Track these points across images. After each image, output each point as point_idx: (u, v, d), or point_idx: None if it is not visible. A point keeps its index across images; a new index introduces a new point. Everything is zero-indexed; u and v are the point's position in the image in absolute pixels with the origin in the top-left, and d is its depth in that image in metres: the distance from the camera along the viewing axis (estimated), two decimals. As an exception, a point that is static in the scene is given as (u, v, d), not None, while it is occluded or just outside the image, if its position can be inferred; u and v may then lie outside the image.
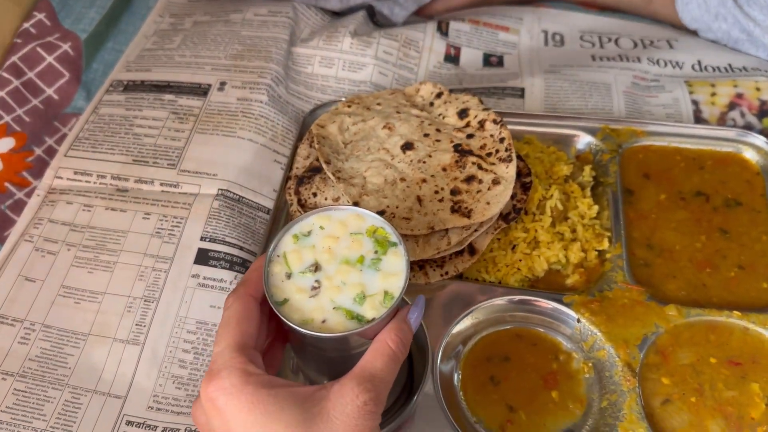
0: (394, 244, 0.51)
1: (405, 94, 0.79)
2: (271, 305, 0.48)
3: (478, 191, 0.68)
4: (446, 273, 0.68)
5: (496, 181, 0.68)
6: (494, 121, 0.73)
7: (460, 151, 0.71)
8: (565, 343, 0.65)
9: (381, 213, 0.66)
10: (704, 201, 0.74)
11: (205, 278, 0.67)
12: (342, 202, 0.69)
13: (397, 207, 0.67)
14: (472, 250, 0.69)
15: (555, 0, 1.02)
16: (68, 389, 0.61)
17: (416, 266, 0.69)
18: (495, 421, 0.61)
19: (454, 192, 0.68)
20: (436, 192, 0.68)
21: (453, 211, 0.67)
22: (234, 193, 0.73)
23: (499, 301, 0.66)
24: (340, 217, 0.53)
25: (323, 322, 0.48)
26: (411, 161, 0.71)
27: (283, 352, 0.56)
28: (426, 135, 0.73)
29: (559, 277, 0.70)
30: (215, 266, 0.68)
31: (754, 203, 0.74)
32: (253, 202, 0.73)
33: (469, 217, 0.66)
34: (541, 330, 0.66)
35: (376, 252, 0.51)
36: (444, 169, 0.70)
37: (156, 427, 0.60)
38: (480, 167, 0.69)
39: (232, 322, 0.48)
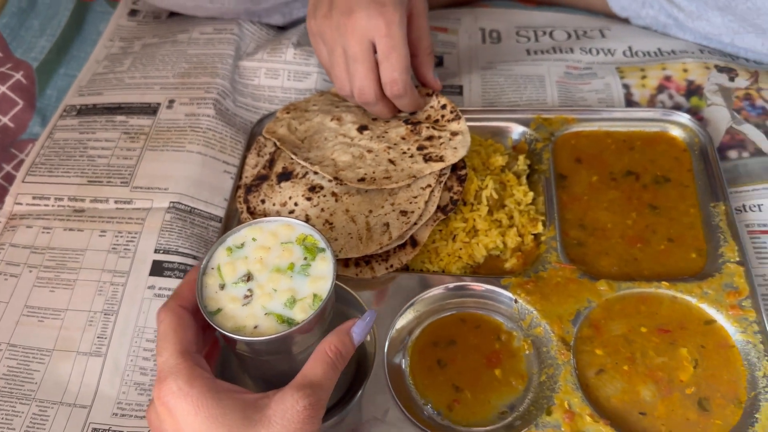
0: (323, 250, 0.55)
1: (331, 93, 0.84)
2: (204, 315, 0.51)
3: (441, 143, 0.75)
4: (391, 266, 0.72)
5: (454, 133, 0.76)
6: (428, 94, 0.80)
7: (412, 123, 0.78)
8: (506, 324, 0.69)
9: (361, 180, 0.72)
10: (634, 180, 0.78)
11: (160, 288, 0.70)
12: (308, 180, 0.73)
13: (374, 172, 0.73)
14: (414, 242, 0.72)
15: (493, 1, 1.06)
16: (35, 403, 0.64)
17: (363, 262, 0.72)
18: (443, 401, 0.64)
19: (421, 148, 0.75)
20: (404, 152, 0.75)
21: (426, 160, 0.73)
22: (185, 205, 0.76)
23: (438, 290, 0.70)
24: (271, 228, 0.57)
25: (255, 327, 0.51)
26: (371, 138, 0.77)
27: (215, 366, 0.59)
28: (374, 119, 0.80)
29: (499, 262, 0.74)
30: (170, 276, 0.71)
31: (682, 178, 0.78)
32: (205, 212, 0.77)
33: (442, 161, 0.73)
34: (484, 313, 0.70)
35: (305, 258, 0.55)
36: (403, 138, 0.76)
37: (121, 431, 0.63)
38: (435, 128, 0.76)
39: (170, 332, 0.50)
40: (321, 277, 0.54)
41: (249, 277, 0.54)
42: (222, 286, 0.53)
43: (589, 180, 0.79)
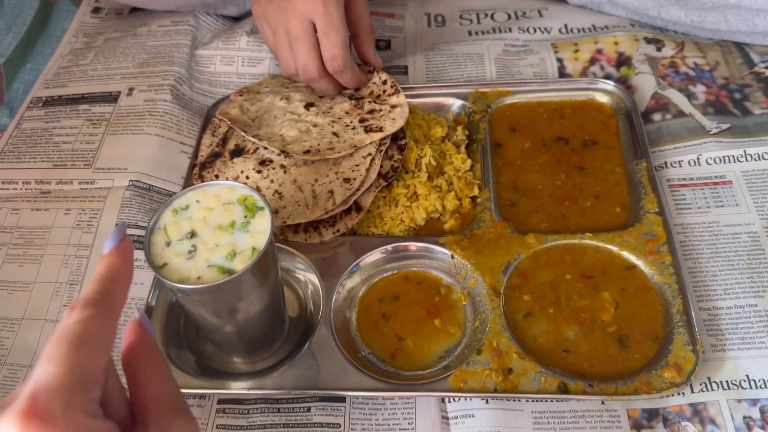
0: (262, 208, 0.60)
1: (283, 76, 0.89)
2: (152, 269, 0.55)
3: (381, 116, 0.80)
4: (338, 231, 0.77)
5: (393, 106, 0.81)
6: (370, 71, 0.85)
7: (355, 98, 0.83)
8: (445, 279, 0.74)
9: (307, 152, 0.77)
10: (564, 144, 0.84)
11: (122, 259, 0.75)
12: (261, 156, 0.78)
13: (318, 144, 0.78)
14: (358, 207, 0.78)
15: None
16: (6, 367, 0.69)
17: (311, 228, 0.77)
18: (386, 350, 0.69)
19: (362, 120, 0.80)
20: (347, 125, 0.80)
21: (367, 131, 0.78)
22: (144, 183, 0.81)
23: (383, 251, 0.75)
24: (214, 191, 0.61)
25: (199, 278, 0.55)
26: (317, 114, 0.82)
27: None
28: (321, 97, 0.85)
29: (439, 224, 0.79)
30: (131, 247, 0.76)
31: (609, 141, 0.84)
32: (163, 189, 0.82)
33: (382, 131, 0.78)
34: (425, 270, 0.75)
35: (245, 217, 0.59)
36: (347, 112, 0.82)
37: (86, 390, 0.68)
38: (376, 103, 0.82)
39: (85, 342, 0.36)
40: (259, 232, 0.59)
41: (193, 235, 0.58)
42: (168, 244, 0.58)
43: (523, 147, 0.84)
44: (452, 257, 0.74)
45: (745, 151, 0.79)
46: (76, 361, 0.33)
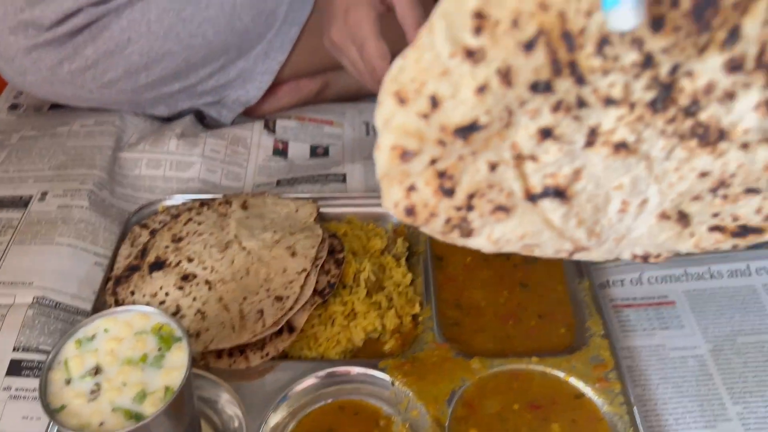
0: (179, 339, 0.54)
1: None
2: (46, 414, 0.48)
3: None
4: (267, 354, 0.70)
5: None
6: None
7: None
8: (385, 408, 0.68)
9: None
10: (505, 259, 0.81)
11: (17, 389, 0.66)
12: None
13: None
14: (291, 328, 0.72)
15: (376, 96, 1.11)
16: None
17: (237, 351, 0.70)
18: (319, 500, 0.62)
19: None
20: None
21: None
22: (50, 300, 0.73)
23: (315, 378, 0.68)
24: (125, 318, 0.55)
25: (101, 425, 0.48)
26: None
27: None
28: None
29: (378, 344, 0.74)
30: (28, 376, 0.67)
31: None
32: (71, 306, 0.74)
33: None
34: (362, 398, 0.68)
35: (159, 349, 0.53)
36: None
37: None
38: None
39: None
40: (175, 368, 0.52)
41: (97, 371, 0.51)
42: (68, 381, 0.51)
43: (464, 261, 0.81)
44: (392, 384, 0.68)
45: (686, 270, 0.79)
46: None
